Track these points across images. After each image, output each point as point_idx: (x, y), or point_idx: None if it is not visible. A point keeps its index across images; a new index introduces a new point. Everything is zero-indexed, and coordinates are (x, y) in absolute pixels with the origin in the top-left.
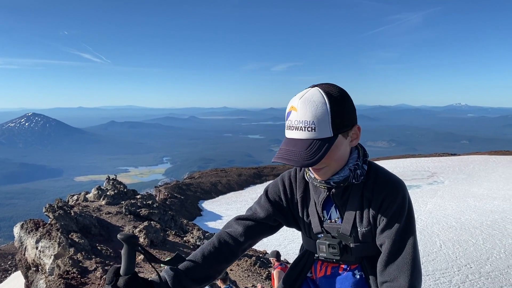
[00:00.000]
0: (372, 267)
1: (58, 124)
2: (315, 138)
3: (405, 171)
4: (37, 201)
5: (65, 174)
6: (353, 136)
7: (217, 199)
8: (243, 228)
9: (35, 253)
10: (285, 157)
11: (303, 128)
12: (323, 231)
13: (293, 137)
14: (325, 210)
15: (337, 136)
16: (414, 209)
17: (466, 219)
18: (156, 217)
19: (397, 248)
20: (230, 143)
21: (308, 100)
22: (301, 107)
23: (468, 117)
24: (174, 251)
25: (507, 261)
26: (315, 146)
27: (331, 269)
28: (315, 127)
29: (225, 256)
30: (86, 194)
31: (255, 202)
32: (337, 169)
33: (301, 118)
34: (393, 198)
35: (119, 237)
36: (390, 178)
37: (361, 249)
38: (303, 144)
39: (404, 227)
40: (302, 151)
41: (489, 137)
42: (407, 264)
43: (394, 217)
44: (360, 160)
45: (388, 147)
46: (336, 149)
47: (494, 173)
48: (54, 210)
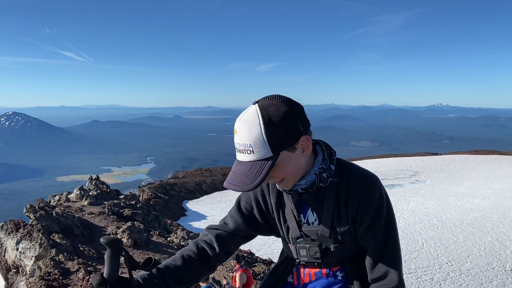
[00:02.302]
0: (353, 266)
1: (40, 123)
2: (255, 159)
3: (387, 171)
4: (18, 202)
5: (47, 174)
6: (303, 148)
7: (201, 199)
8: (215, 238)
9: (15, 255)
10: (229, 181)
11: (244, 151)
12: (302, 235)
13: (238, 159)
14: (301, 213)
15: (278, 154)
16: (397, 208)
17: (447, 217)
18: (139, 217)
19: (383, 245)
20: (215, 143)
21: (244, 122)
22: (239, 130)
23: (449, 117)
24: (158, 251)
25: (486, 259)
26: (256, 168)
27: (315, 275)
28: (253, 149)
29: (202, 262)
30: (68, 195)
31: (229, 211)
32: (297, 178)
33: (240, 141)
34: (371, 197)
35: (102, 241)
36: (364, 175)
37: (342, 250)
38: (245, 167)
39: (386, 223)
40: (244, 174)
41: (469, 136)
42: (394, 259)
43: (375, 215)
44: (326, 162)
45: (371, 147)
46: (284, 165)
47: (474, 172)
48: (35, 210)
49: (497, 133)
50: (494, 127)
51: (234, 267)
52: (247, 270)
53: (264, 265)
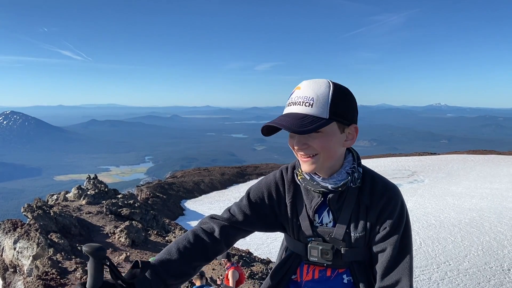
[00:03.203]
0: (362, 272)
1: (38, 123)
2: (310, 114)
3: (386, 170)
4: (16, 201)
5: (45, 174)
6: (349, 136)
7: (199, 198)
8: (218, 228)
9: (13, 254)
10: (277, 121)
11: (302, 103)
12: (314, 235)
13: (290, 111)
14: (316, 214)
15: (332, 121)
16: None
17: (445, 217)
18: (137, 216)
19: (398, 254)
20: (213, 142)
21: (314, 82)
22: (305, 86)
23: (447, 117)
24: (156, 251)
25: (484, 258)
26: (309, 119)
27: (319, 273)
28: (313, 103)
29: (200, 252)
30: (66, 194)
31: (234, 203)
32: (327, 162)
33: (302, 94)
34: (393, 206)
35: (84, 249)
36: (387, 184)
37: (352, 254)
38: (298, 115)
39: (404, 233)
40: (296, 120)
41: (467, 136)
42: (407, 268)
43: (395, 224)
44: (356, 163)
45: (369, 147)
46: (328, 136)
47: (472, 172)
48: (33, 210)
49: (495, 133)
50: (492, 127)
51: (225, 265)
52: (238, 267)
53: (262, 264)
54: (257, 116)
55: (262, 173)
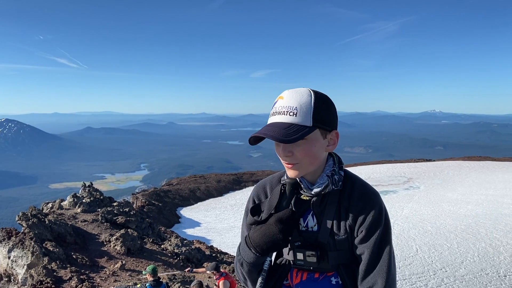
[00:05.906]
0: (349, 274)
1: (33, 130)
2: (295, 122)
3: (381, 177)
4: (10, 209)
5: (40, 181)
6: (330, 141)
7: (195, 205)
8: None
9: (7, 263)
10: (263, 132)
11: (286, 112)
12: (300, 239)
13: (275, 121)
14: (302, 217)
15: (315, 128)
16: (391, 214)
17: (441, 223)
18: (133, 224)
19: (375, 257)
20: (209, 149)
21: (295, 91)
22: (287, 95)
23: (442, 124)
24: (151, 259)
25: (480, 265)
26: (294, 128)
27: (307, 275)
28: (297, 112)
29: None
30: (61, 202)
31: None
32: (310, 168)
33: (285, 104)
34: (370, 210)
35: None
36: (366, 188)
37: (338, 256)
38: (284, 125)
39: (381, 238)
40: (282, 129)
41: (462, 143)
42: (383, 271)
43: (371, 228)
44: (336, 167)
45: (365, 153)
46: (312, 142)
47: (467, 178)
48: (28, 218)
49: (490, 140)
50: (487, 133)
51: (215, 276)
52: (228, 276)
53: None
54: (253, 123)
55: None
